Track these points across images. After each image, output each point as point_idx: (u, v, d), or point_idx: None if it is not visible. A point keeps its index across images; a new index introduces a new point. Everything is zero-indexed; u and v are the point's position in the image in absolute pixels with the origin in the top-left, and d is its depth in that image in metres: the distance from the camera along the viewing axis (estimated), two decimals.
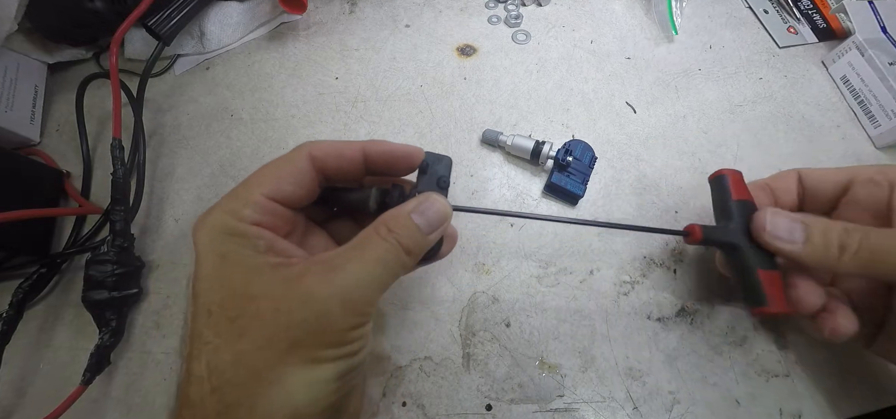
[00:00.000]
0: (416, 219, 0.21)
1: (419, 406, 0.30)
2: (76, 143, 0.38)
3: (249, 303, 0.18)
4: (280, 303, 0.18)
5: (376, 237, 0.20)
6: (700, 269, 0.34)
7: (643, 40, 0.45)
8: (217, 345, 0.18)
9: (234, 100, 0.42)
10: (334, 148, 0.23)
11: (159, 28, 0.38)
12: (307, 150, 0.22)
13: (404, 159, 0.24)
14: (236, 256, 0.19)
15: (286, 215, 0.22)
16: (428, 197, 0.22)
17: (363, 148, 0.23)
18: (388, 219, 0.21)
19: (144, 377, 0.31)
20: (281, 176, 0.21)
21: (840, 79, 0.42)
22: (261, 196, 0.21)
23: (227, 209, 0.21)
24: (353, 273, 0.19)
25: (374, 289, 0.20)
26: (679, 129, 0.40)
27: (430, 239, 0.22)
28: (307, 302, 0.18)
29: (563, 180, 0.35)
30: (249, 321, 0.18)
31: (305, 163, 0.22)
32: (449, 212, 0.22)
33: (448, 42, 0.45)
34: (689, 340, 0.32)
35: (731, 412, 0.30)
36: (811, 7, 0.48)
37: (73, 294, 0.34)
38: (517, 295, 0.33)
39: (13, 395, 0.31)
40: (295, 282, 0.19)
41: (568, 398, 0.30)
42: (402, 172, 0.25)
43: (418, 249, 0.21)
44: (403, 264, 0.21)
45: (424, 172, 0.24)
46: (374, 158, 0.23)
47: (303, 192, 0.22)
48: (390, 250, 0.20)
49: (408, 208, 0.21)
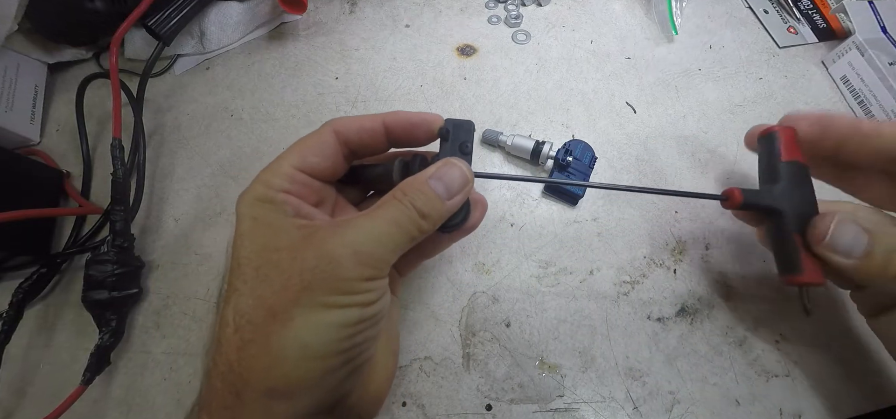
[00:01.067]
0: (433, 184, 0.22)
1: (419, 406, 0.30)
2: (76, 143, 0.38)
3: (272, 253, 0.20)
4: (296, 252, 0.20)
5: (392, 200, 0.21)
6: (700, 269, 0.34)
7: (643, 40, 0.45)
8: (243, 291, 0.20)
9: (234, 100, 0.42)
10: (355, 121, 0.24)
11: (159, 28, 0.38)
12: (331, 126, 0.24)
13: (422, 126, 0.24)
14: (266, 218, 0.21)
15: (313, 185, 0.23)
16: (446, 161, 0.22)
17: (383, 119, 0.24)
18: (405, 185, 0.22)
19: (144, 377, 0.31)
20: (306, 149, 0.23)
21: (840, 79, 0.42)
22: (289, 167, 0.22)
23: (260, 180, 0.22)
24: (364, 228, 0.20)
25: (385, 245, 0.20)
26: (679, 129, 0.40)
27: (450, 204, 0.22)
28: (319, 251, 0.19)
29: None
30: (270, 269, 0.20)
31: (329, 136, 0.23)
32: (469, 176, 0.23)
33: (448, 42, 0.45)
34: (689, 340, 0.32)
35: (731, 412, 0.30)
36: (811, 7, 0.48)
37: (73, 294, 0.34)
38: (517, 295, 0.33)
39: (13, 395, 0.31)
40: (312, 235, 0.20)
41: (568, 398, 0.30)
42: (422, 141, 0.25)
43: (436, 214, 0.21)
44: (419, 226, 0.21)
45: (446, 139, 0.24)
46: (393, 128, 0.24)
47: (328, 164, 0.23)
48: (404, 212, 0.21)
49: (426, 174, 0.22)
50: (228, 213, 0.37)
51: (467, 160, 0.23)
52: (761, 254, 0.35)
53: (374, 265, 0.20)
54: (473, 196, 0.24)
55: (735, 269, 0.34)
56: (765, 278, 0.34)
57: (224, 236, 0.36)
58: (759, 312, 0.32)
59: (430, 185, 0.21)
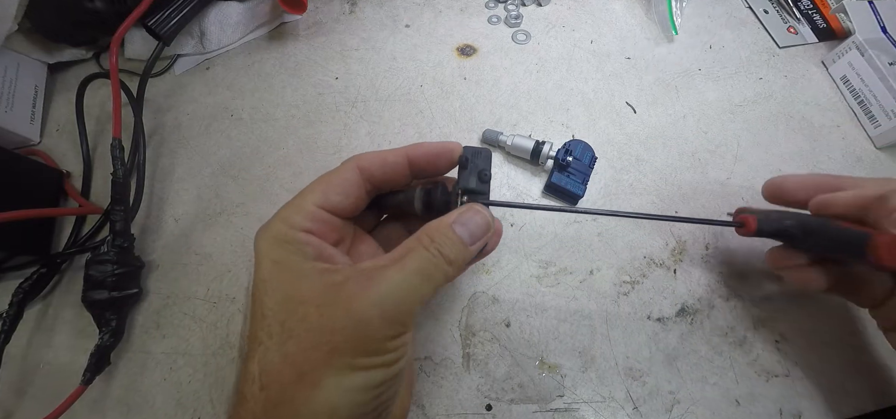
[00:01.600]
0: (458, 230, 0.22)
1: (419, 406, 0.30)
2: (76, 143, 0.38)
3: (298, 306, 0.19)
4: (324, 309, 0.19)
5: (419, 247, 0.21)
6: (700, 269, 0.34)
7: (643, 40, 0.45)
8: (268, 346, 0.19)
9: (234, 100, 0.42)
10: (379, 157, 0.24)
11: (159, 28, 0.38)
12: (355, 162, 0.23)
13: (444, 155, 0.25)
14: (287, 261, 0.21)
15: (335, 224, 0.23)
16: (470, 208, 0.22)
17: (405, 153, 0.24)
18: (430, 230, 0.21)
19: (144, 377, 0.31)
20: (329, 187, 0.23)
21: (840, 79, 0.42)
22: (312, 205, 0.22)
23: (281, 217, 0.22)
24: (392, 282, 0.20)
25: (412, 299, 0.20)
26: (679, 129, 0.40)
27: (472, 250, 0.22)
28: (348, 310, 0.19)
29: (563, 180, 0.35)
30: (297, 324, 0.19)
31: (352, 173, 0.23)
32: (490, 222, 0.23)
33: (448, 42, 0.45)
34: (689, 340, 0.32)
35: (731, 412, 0.30)
36: (811, 7, 0.48)
37: (73, 294, 0.34)
38: (517, 295, 0.33)
39: (13, 395, 0.31)
40: (338, 289, 0.20)
41: (568, 398, 0.30)
42: (444, 170, 0.25)
43: (461, 260, 0.21)
44: (445, 274, 0.21)
45: (465, 167, 0.24)
46: (416, 161, 0.24)
47: (350, 201, 0.23)
48: (431, 260, 0.21)
49: (450, 219, 0.22)
50: (228, 213, 0.37)
51: (486, 187, 0.24)
52: (761, 255, 0.34)
53: (401, 322, 0.20)
54: None
55: (735, 269, 0.34)
56: (765, 278, 0.34)
57: (224, 236, 0.36)
58: (759, 312, 0.32)
59: (455, 231, 0.21)
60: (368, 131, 0.40)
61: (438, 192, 0.24)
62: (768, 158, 0.39)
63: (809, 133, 0.40)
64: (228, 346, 0.32)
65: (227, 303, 0.33)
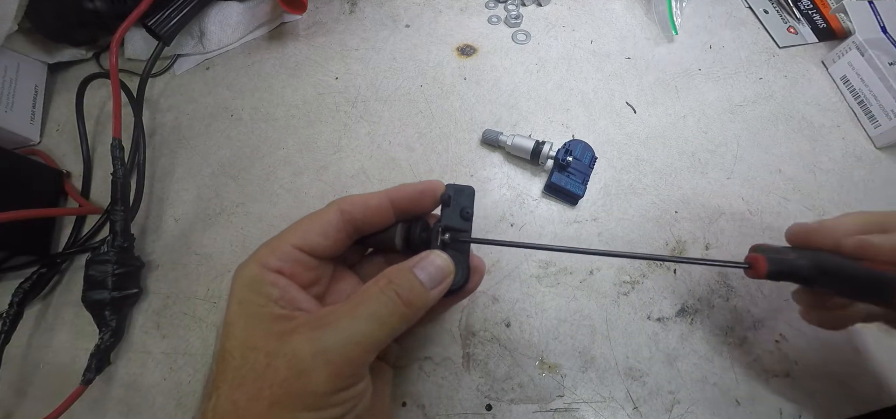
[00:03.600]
0: (418, 273, 0.21)
1: (419, 406, 0.30)
2: (76, 143, 0.38)
3: (249, 353, 0.19)
4: (271, 357, 0.19)
5: (375, 289, 0.21)
6: (700, 269, 0.34)
7: (643, 40, 0.45)
8: (221, 391, 0.19)
9: (234, 100, 0.42)
10: (361, 200, 0.23)
11: (159, 28, 0.38)
12: (338, 205, 0.23)
13: (427, 194, 0.24)
14: (249, 304, 0.20)
15: (310, 264, 0.23)
16: (428, 255, 0.22)
17: (388, 195, 0.24)
18: (390, 272, 0.21)
19: (144, 377, 0.31)
20: (310, 228, 0.23)
21: (840, 79, 0.42)
22: (288, 245, 0.22)
23: (256, 257, 0.22)
24: (340, 330, 0.19)
25: (364, 346, 0.19)
26: (679, 129, 0.40)
27: (434, 294, 0.22)
28: (291, 360, 0.18)
29: (563, 180, 0.35)
30: (247, 372, 0.19)
31: (334, 216, 0.23)
32: (449, 268, 0.22)
33: (448, 42, 0.45)
34: (689, 340, 0.32)
35: (731, 412, 0.30)
36: (811, 7, 0.48)
37: (73, 294, 0.34)
38: (517, 295, 0.33)
39: (13, 395, 0.31)
40: (285, 337, 0.19)
41: (568, 398, 0.30)
42: (427, 209, 0.25)
43: (420, 302, 0.21)
44: (402, 316, 0.20)
45: (448, 205, 0.24)
46: (399, 202, 0.24)
47: (329, 243, 0.23)
48: (387, 303, 0.20)
49: (410, 263, 0.22)
50: (228, 213, 0.37)
51: (468, 225, 0.24)
52: None
53: (349, 374, 0.19)
54: (473, 260, 0.24)
55: (735, 269, 0.34)
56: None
57: (224, 236, 0.36)
58: (759, 312, 0.32)
59: (415, 274, 0.21)
60: (368, 131, 0.40)
61: (418, 228, 0.24)
62: (768, 158, 0.39)
63: (809, 133, 0.40)
64: None
65: (227, 303, 0.33)
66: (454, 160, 0.38)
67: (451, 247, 0.23)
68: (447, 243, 0.24)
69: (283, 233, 0.23)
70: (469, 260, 0.24)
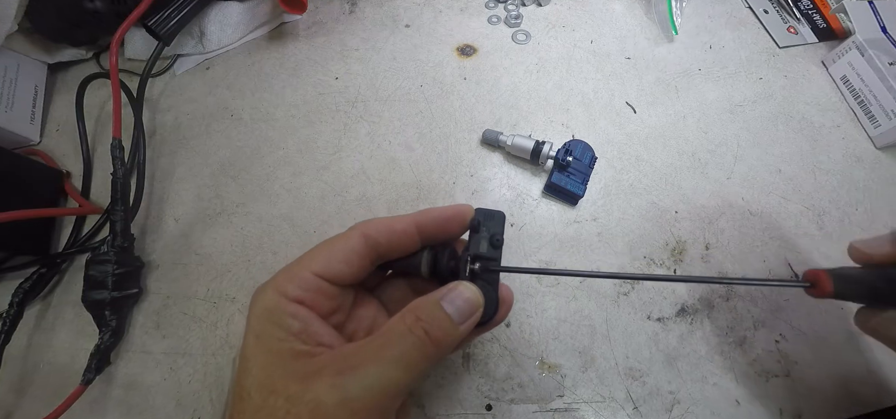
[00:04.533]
0: (447, 307, 0.20)
1: (419, 406, 0.30)
2: (76, 143, 0.38)
3: (269, 396, 0.18)
4: (291, 404, 0.18)
5: (402, 327, 0.19)
6: (700, 270, 0.34)
7: (643, 40, 0.45)
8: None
9: (234, 100, 0.42)
10: (386, 224, 0.22)
11: (159, 28, 0.38)
12: (361, 230, 0.22)
13: (455, 220, 0.23)
14: (268, 338, 0.19)
15: (332, 293, 0.22)
16: (457, 286, 0.21)
17: (414, 220, 0.23)
18: (417, 308, 0.20)
19: (144, 377, 0.31)
20: (332, 254, 0.21)
21: (840, 79, 0.42)
22: (310, 273, 0.21)
23: (275, 284, 0.21)
24: (367, 377, 0.18)
25: (391, 396, 0.18)
26: (679, 129, 0.40)
27: (463, 329, 0.20)
28: (314, 410, 0.17)
29: (563, 180, 0.35)
30: (265, 416, 0.18)
31: (358, 242, 0.22)
32: (479, 301, 0.21)
33: (448, 42, 0.45)
34: (689, 340, 0.32)
35: (731, 412, 0.30)
36: (811, 7, 0.48)
37: (73, 294, 0.34)
38: (517, 295, 0.33)
39: (13, 395, 0.31)
40: (309, 381, 0.18)
41: (568, 398, 0.30)
42: (455, 235, 0.24)
43: (448, 340, 0.20)
44: (429, 357, 0.19)
45: (476, 230, 0.23)
46: (426, 227, 0.23)
47: (352, 270, 0.22)
48: (415, 345, 0.19)
49: (437, 295, 0.20)
50: (228, 213, 0.37)
51: (498, 253, 0.23)
52: (761, 255, 0.35)
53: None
54: (502, 291, 0.23)
55: (735, 269, 0.34)
56: (765, 278, 0.34)
57: (224, 236, 0.36)
58: (759, 312, 0.32)
59: (443, 308, 0.20)
60: (368, 131, 0.40)
61: (446, 256, 0.23)
62: (768, 158, 0.39)
63: (809, 133, 0.40)
64: (228, 346, 0.32)
65: (227, 303, 0.33)
66: (454, 160, 0.38)
67: (480, 277, 0.22)
68: (476, 273, 0.22)
69: (302, 258, 0.21)
70: (498, 290, 0.22)
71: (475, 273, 0.22)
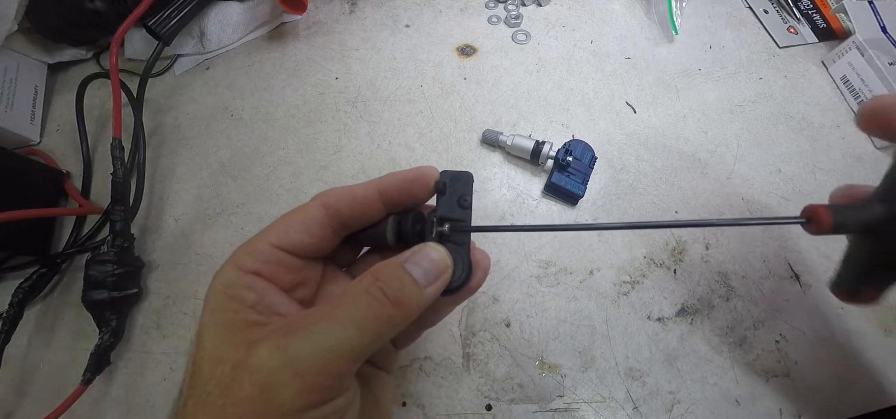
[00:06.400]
0: (410, 268, 0.19)
1: (419, 406, 0.30)
2: (76, 143, 0.38)
3: (216, 367, 0.17)
4: (236, 371, 0.17)
5: (358, 288, 0.18)
6: (700, 269, 0.34)
7: (643, 40, 0.45)
8: (188, 407, 0.17)
9: (234, 100, 0.42)
10: (347, 192, 0.21)
11: (159, 28, 0.38)
12: (321, 199, 0.21)
13: (419, 182, 0.22)
14: (220, 311, 0.19)
15: (294, 264, 0.21)
16: (422, 248, 0.20)
17: (376, 186, 0.22)
18: (377, 269, 0.19)
19: (144, 377, 0.31)
20: (290, 225, 0.21)
21: (840, 79, 0.42)
22: (267, 244, 0.20)
23: (233, 259, 0.20)
24: (314, 337, 0.17)
25: (341, 356, 0.17)
26: (679, 129, 0.40)
27: (429, 292, 0.19)
28: (255, 373, 0.16)
29: (563, 180, 0.35)
30: (213, 387, 0.17)
31: (317, 210, 0.21)
32: (446, 262, 0.20)
33: (448, 42, 0.45)
34: (689, 340, 0.32)
35: (731, 412, 0.30)
36: (811, 7, 0.48)
37: (73, 294, 0.34)
38: (517, 295, 0.33)
39: (13, 395, 0.31)
40: (254, 347, 0.17)
41: (568, 398, 0.30)
42: (422, 198, 0.23)
43: (413, 301, 0.18)
44: (390, 320, 0.18)
45: (443, 193, 0.22)
46: (389, 192, 0.22)
47: (313, 240, 0.21)
48: (372, 305, 0.17)
49: (401, 258, 0.19)
50: (228, 213, 0.37)
51: (467, 214, 0.22)
52: (761, 255, 0.35)
53: (324, 387, 0.17)
54: (476, 254, 0.22)
55: (735, 269, 0.34)
56: (765, 278, 0.34)
57: (224, 236, 0.36)
58: (759, 312, 0.32)
59: (407, 269, 0.19)
60: (368, 131, 0.40)
61: (411, 219, 0.22)
62: (768, 158, 0.39)
63: (809, 133, 0.40)
64: None
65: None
66: (454, 160, 0.38)
67: (449, 240, 0.21)
68: (444, 235, 0.21)
69: (261, 232, 0.20)
70: (470, 254, 0.21)
71: (444, 235, 0.21)
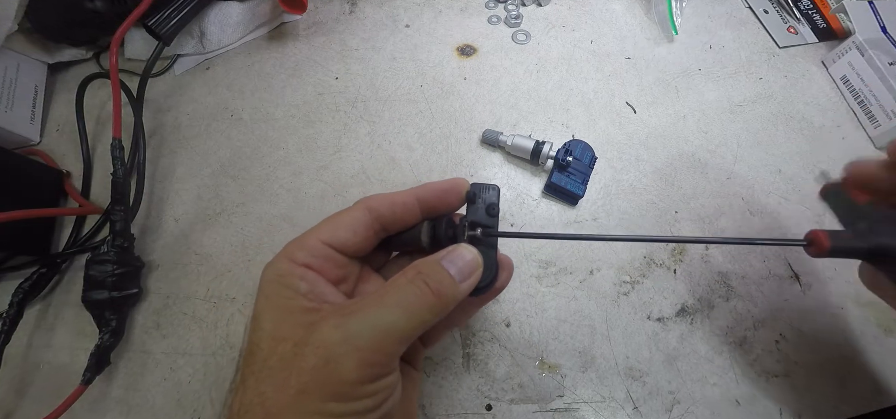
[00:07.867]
0: (447, 266, 0.21)
1: (419, 406, 0.30)
2: (76, 143, 0.38)
3: (278, 344, 0.19)
4: (298, 347, 0.18)
5: (403, 280, 0.20)
6: (700, 269, 0.34)
7: (643, 40, 0.45)
8: (249, 383, 0.19)
9: (234, 100, 0.42)
10: (388, 197, 0.24)
11: (159, 28, 0.38)
12: (365, 203, 0.23)
13: (452, 192, 0.24)
14: (277, 297, 0.20)
15: (339, 261, 0.23)
16: (456, 248, 0.22)
17: (415, 193, 0.24)
18: (419, 264, 0.21)
19: (144, 377, 0.31)
20: (338, 224, 0.23)
21: (840, 79, 0.42)
22: (317, 241, 0.22)
23: (285, 252, 0.22)
24: (370, 319, 0.19)
25: (391, 336, 0.19)
26: (679, 129, 0.40)
27: (463, 287, 0.21)
28: (318, 348, 0.18)
29: (563, 180, 0.35)
30: (275, 362, 0.19)
31: (362, 213, 0.23)
32: (478, 261, 0.22)
33: (448, 42, 0.45)
34: (689, 340, 0.32)
35: (731, 412, 0.30)
36: (811, 7, 0.48)
37: (73, 294, 0.34)
38: (517, 295, 0.33)
39: (13, 395, 0.31)
40: (314, 326, 0.19)
41: (568, 398, 0.30)
42: (453, 206, 0.25)
43: (449, 295, 0.21)
44: (431, 307, 0.20)
45: (473, 202, 0.24)
46: (426, 200, 0.24)
47: (358, 240, 0.23)
48: (415, 294, 0.20)
49: (438, 256, 0.22)
50: (228, 213, 0.37)
51: (494, 221, 0.24)
52: (761, 255, 0.35)
53: (378, 363, 0.18)
54: (500, 258, 0.24)
55: (735, 269, 0.34)
56: (765, 278, 0.34)
57: (224, 236, 0.36)
58: (759, 312, 0.32)
59: (444, 266, 0.21)
60: (368, 131, 0.40)
61: (444, 224, 0.24)
62: (768, 158, 0.39)
63: (809, 133, 0.40)
64: (228, 346, 0.32)
65: (227, 303, 0.33)
66: (454, 160, 0.38)
67: (478, 244, 0.23)
68: (475, 238, 0.23)
69: (311, 229, 0.22)
70: (497, 256, 0.23)
71: (474, 238, 0.23)
